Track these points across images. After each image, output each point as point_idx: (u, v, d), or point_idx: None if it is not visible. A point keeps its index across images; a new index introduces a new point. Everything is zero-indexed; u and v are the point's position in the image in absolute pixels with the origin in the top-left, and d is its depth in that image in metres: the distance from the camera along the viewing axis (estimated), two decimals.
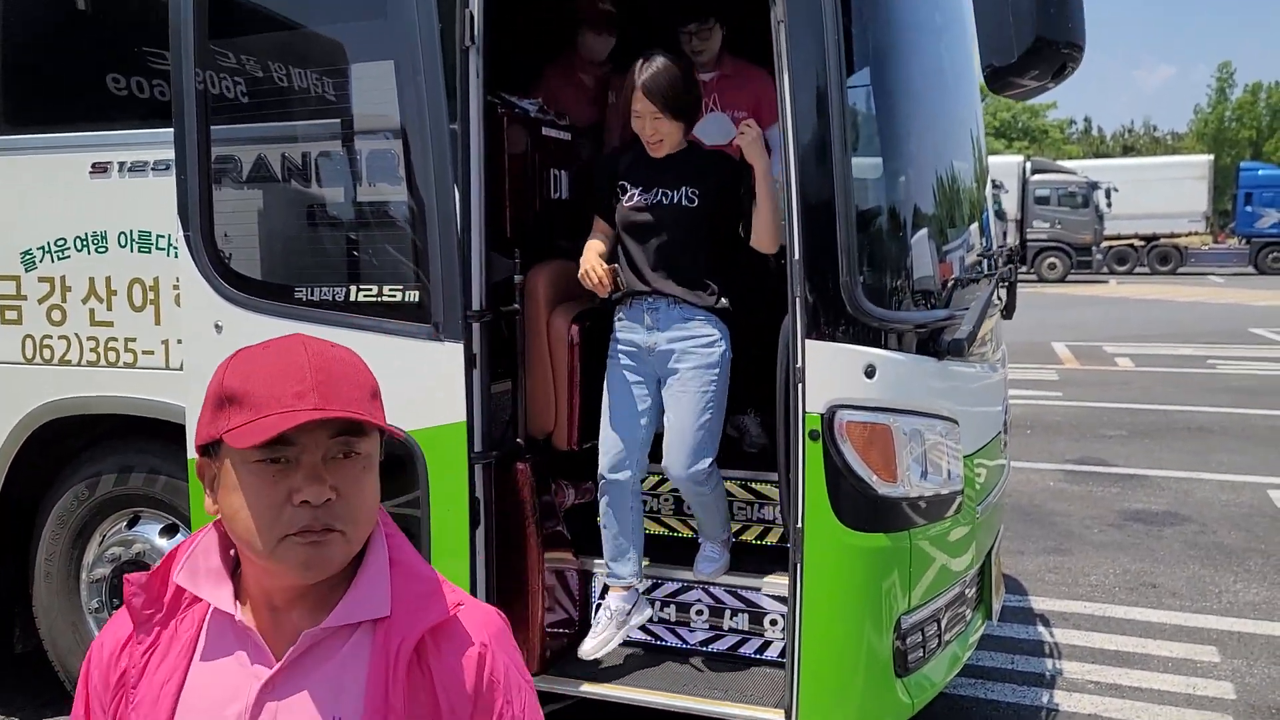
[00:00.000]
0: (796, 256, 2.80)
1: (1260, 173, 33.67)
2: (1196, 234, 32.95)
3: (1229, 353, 14.38)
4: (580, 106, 4.12)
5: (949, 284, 3.21)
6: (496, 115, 3.27)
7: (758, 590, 3.39)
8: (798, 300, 2.81)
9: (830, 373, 2.81)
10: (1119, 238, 32.03)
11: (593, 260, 3.21)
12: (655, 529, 3.76)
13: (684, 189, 3.19)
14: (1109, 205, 29.69)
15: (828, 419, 2.81)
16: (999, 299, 3.98)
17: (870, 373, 2.80)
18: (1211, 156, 35.72)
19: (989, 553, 3.59)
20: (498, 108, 3.30)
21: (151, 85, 3.44)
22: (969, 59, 3.75)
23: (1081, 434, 9.17)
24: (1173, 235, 32.21)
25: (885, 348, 2.84)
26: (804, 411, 2.82)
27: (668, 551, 3.59)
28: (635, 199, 3.22)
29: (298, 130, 3.19)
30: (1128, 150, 58.87)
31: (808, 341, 2.81)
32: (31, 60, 3.65)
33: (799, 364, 2.82)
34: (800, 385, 2.82)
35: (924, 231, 3.10)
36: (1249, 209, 32.22)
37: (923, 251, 3.08)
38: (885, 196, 3.04)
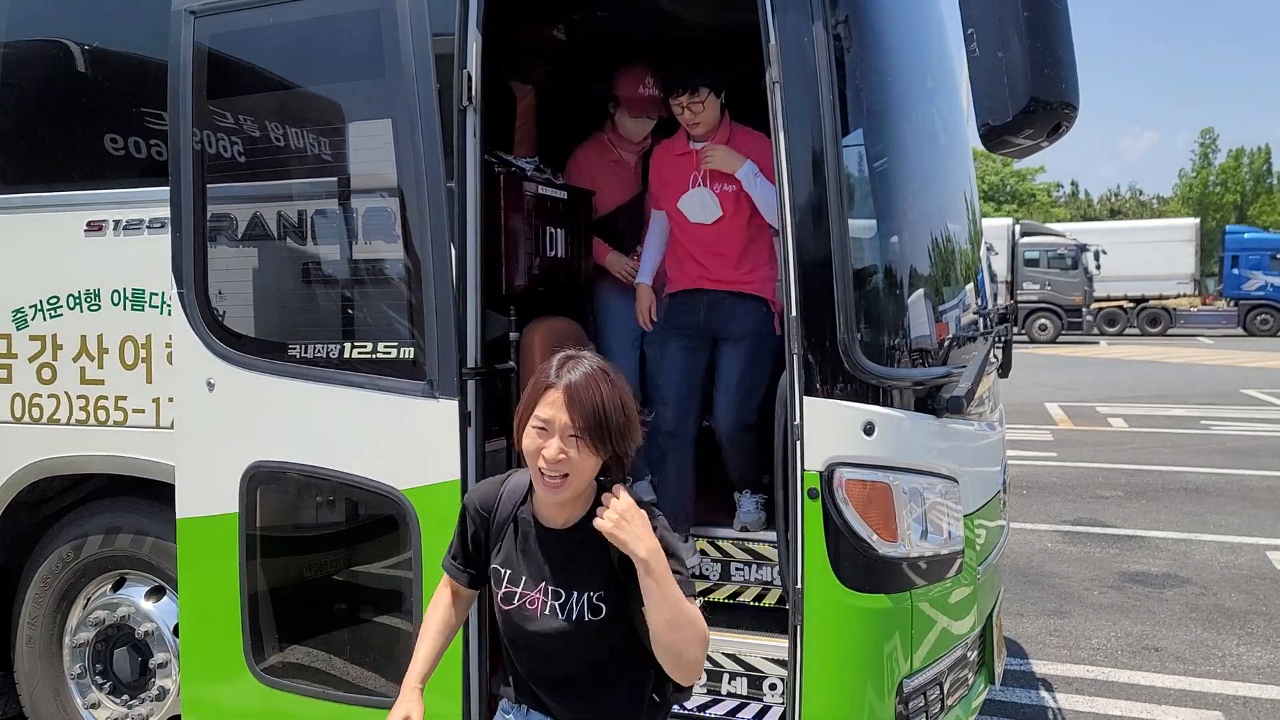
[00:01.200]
0: (794, 313, 2.79)
1: (1246, 236, 34.10)
2: (1185, 296, 33.23)
3: (1222, 414, 14.39)
4: (618, 184, 4.17)
5: (946, 342, 3.20)
6: (493, 174, 3.28)
7: (756, 653, 3.31)
8: (795, 357, 2.79)
9: (829, 430, 2.78)
10: (1109, 299, 32.29)
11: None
12: None
13: None
14: (1098, 267, 29.99)
15: (827, 477, 2.78)
16: (995, 357, 3.98)
17: (869, 430, 2.78)
18: (1198, 220, 36.20)
19: (990, 614, 3.53)
20: (494, 166, 3.32)
21: (148, 145, 3.45)
22: (961, 120, 3.80)
23: (1078, 495, 9.11)
24: (1161, 297, 32.49)
25: (884, 405, 2.82)
26: (802, 470, 2.79)
27: None
28: None
29: (293, 188, 3.20)
30: (1114, 214, 59.66)
31: (806, 399, 2.79)
32: (27, 119, 3.67)
33: (797, 421, 2.80)
34: (799, 443, 2.79)
35: (921, 289, 3.10)
36: (1236, 271, 32.56)
37: (920, 309, 3.08)
38: (882, 254, 3.04)
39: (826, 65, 2.73)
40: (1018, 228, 31.54)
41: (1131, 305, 32.63)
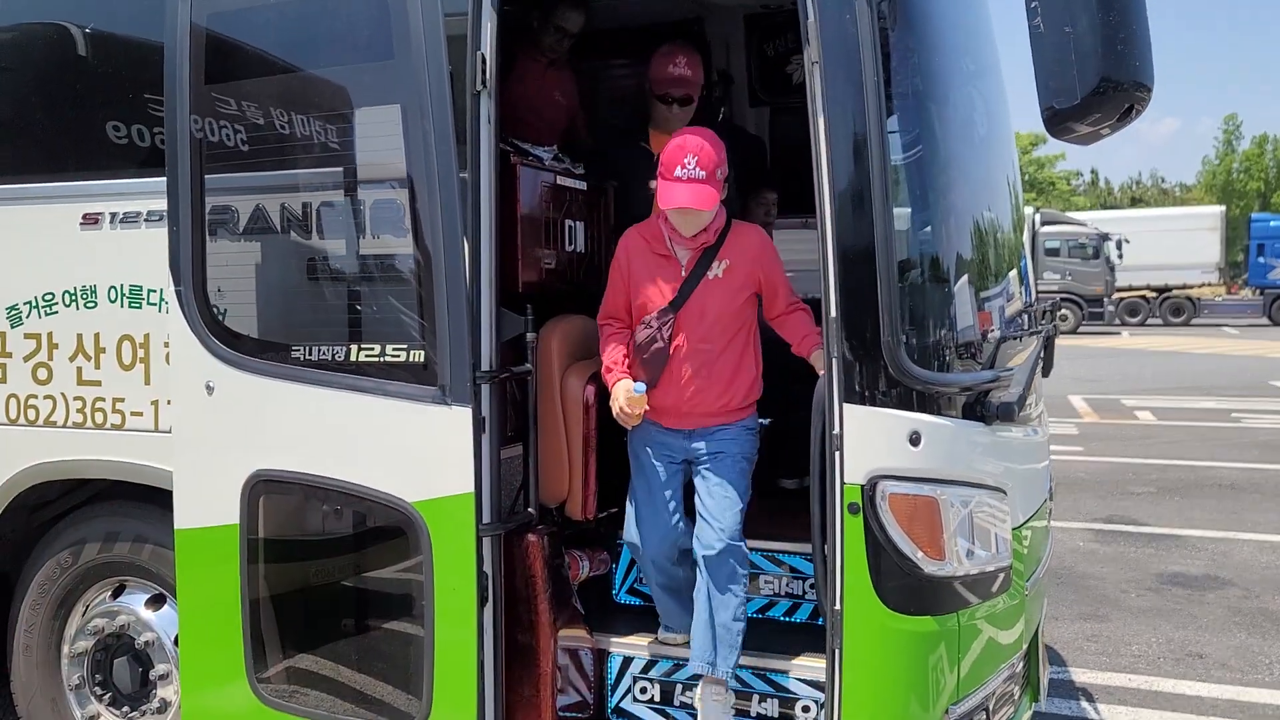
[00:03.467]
0: (833, 314, 2.58)
1: (1272, 224, 33.54)
2: (1209, 285, 32.76)
3: (1252, 406, 14.08)
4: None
5: (993, 343, 2.99)
6: (509, 163, 3.08)
7: (787, 673, 3.12)
8: (835, 361, 2.59)
9: (871, 440, 2.58)
10: (1130, 289, 31.85)
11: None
12: None
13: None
14: (1120, 257, 29.56)
15: (869, 491, 2.58)
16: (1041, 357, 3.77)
17: (915, 440, 2.57)
18: (1223, 207, 35.66)
19: (1036, 631, 3.33)
20: (510, 155, 3.12)
21: (149, 132, 3.27)
22: (1005, 104, 3.58)
23: (1108, 491, 8.87)
24: (1185, 286, 32.02)
25: (930, 412, 2.61)
26: (842, 482, 2.59)
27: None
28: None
29: (297, 179, 3.01)
30: (1136, 202, 58.98)
31: (846, 406, 2.58)
32: (19, 107, 3.49)
33: (836, 430, 2.60)
34: (838, 454, 2.59)
35: (968, 287, 2.89)
36: (1261, 260, 32.07)
37: (967, 309, 2.87)
38: (927, 249, 2.84)
39: (870, 44, 2.52)
40: (1038, 217, 31.07)
41: (1154, 295, 32.18)
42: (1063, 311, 29.80)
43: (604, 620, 3.34)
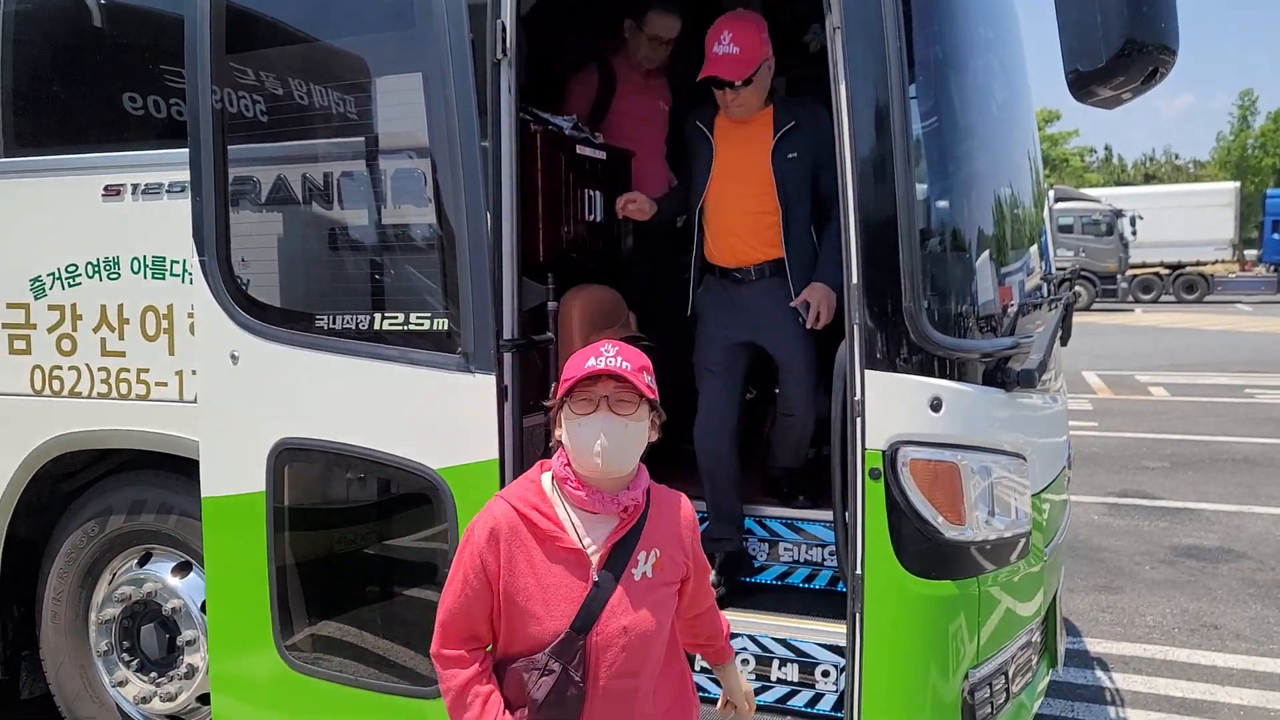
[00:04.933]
0: (855, 280, 2.59)
1: None
2: (1223, 262, 32.51)
3: (1265, 382, 14.01)
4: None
5: (1013, 309, 2.99)
6: (529, 132, 3.09)
7: (808, 638, 3.15)
8: (856, 327, 2.60)
9: (893, 406, 2.59)
10: (1144, 266, 31.63)
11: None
12: None
13: None
14: (1134, 233, 29.34)
15: (890, 456, 2.59)
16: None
17: (936, 406, 2.58)
18: (1238, 184, 35.32)
19: (1054, 598, 3.35)
20: (530, 125, 3.12)
21: (167, 104, 3.28)
22: (1025, 73, 3.56)
23: (1122, 466, 8.87)
24: (1199, 263, 31.77)
25: (952, 379, 2.62)
26: (864, 448, 2.60)
27: None
28: None
29: (319, 150, 3.02)
30: (1149, 178, 58.48)
31: (868, 372, 2.59)
32: (42, 79, 3.51)
33: (858, 396, 2.61)
34: (860, 420, 2.60)
35: (989, 254, 2.89)
36: (1276, 237, 31.77)
37: (988, 275, 2.87)
38: (948, 216, 2.83)
39: (893, 10, 2.50)
40: (1052, 193, 30.83)
41: (1168, 272, 31.94)
42: (1076, 288, 29.64)
43: None
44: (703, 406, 3.40)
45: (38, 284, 3.49)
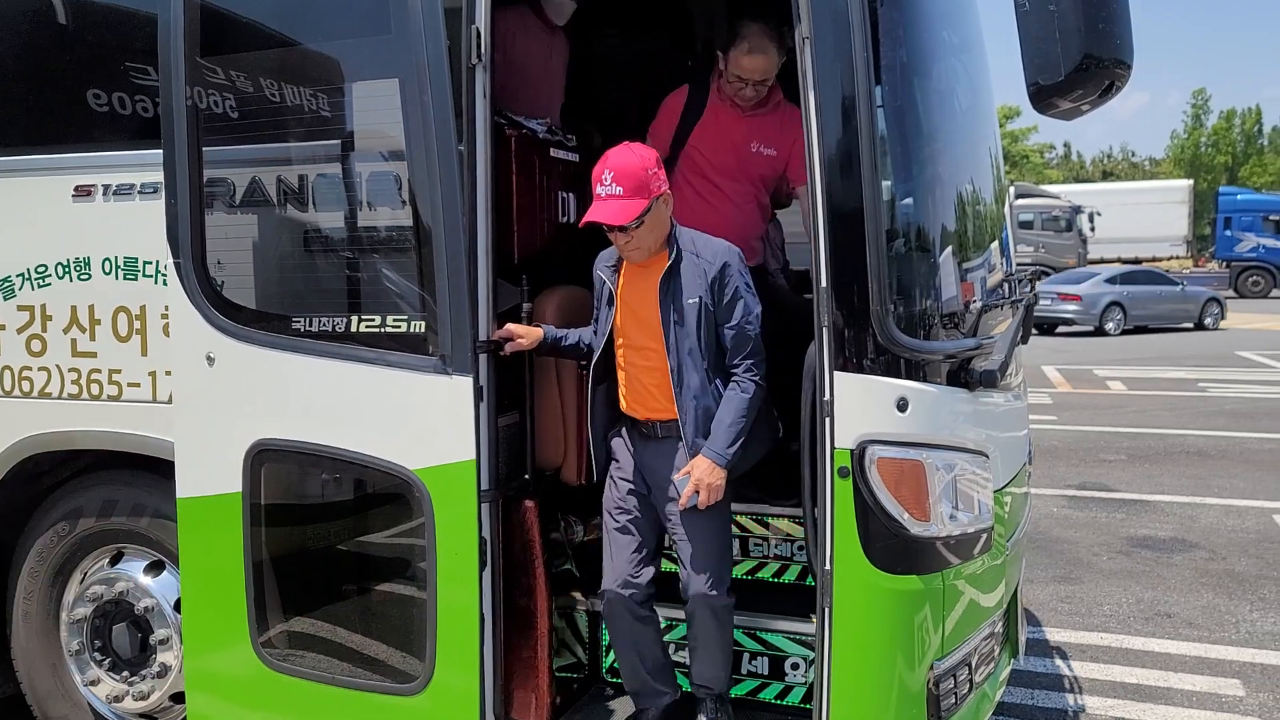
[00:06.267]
0: (824, 283, 2.66)
1: (1239, 197, 33.99)
2: (1178, 258, 33.18)
3: (1219, 376, 14.38)
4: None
5: (977, 310, 3.08)
6: (504, 136, 3.12)
7: (778, 633, 3.23)
8: (825, 330, 2.66)
9: (860, 406, 2.66)
10: (1102, 261, 32.19)
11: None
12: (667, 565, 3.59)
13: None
14: (1092, 229, 29.86)
15: (858, 455, 2.66)
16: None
17: (903, 406, 2.66)
18: (1191, 181, 36.06)
19: (1015, 591, 3.45)
20: (505, 128, 3.16)
21: (138, 103, 3.28)
22: (988, 77, 3.65)
23: (1081, 459, 9.07)
24: (1154, 259, 32.41)
25: (917, 379, 2.70)
26: (832, 447, 2.68)
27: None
28: None
29: (295, 151, 3.03)
30: (1107, 175, 59.46)
31: (837, 374, 2.66)
32: (10, 78, 3.48)
33: (827, 397, 2.68)
34: (829, 419, 2.68)
35: (954, 257, 2.97)
36: (1228, 233, 32.48)
37: (952, 278, 2.95)
38: (916, 220, 2.91)
39: (860, 20, 2.57)
40: (1012, 189, 31.28)
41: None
42: (1037, 287, 30.07)
43: (599, 583, 3.42)
44: (606, 557, 3.08)
45: (7, 285, 3.47)
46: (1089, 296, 21.44)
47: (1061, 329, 21.68)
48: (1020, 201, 30.63)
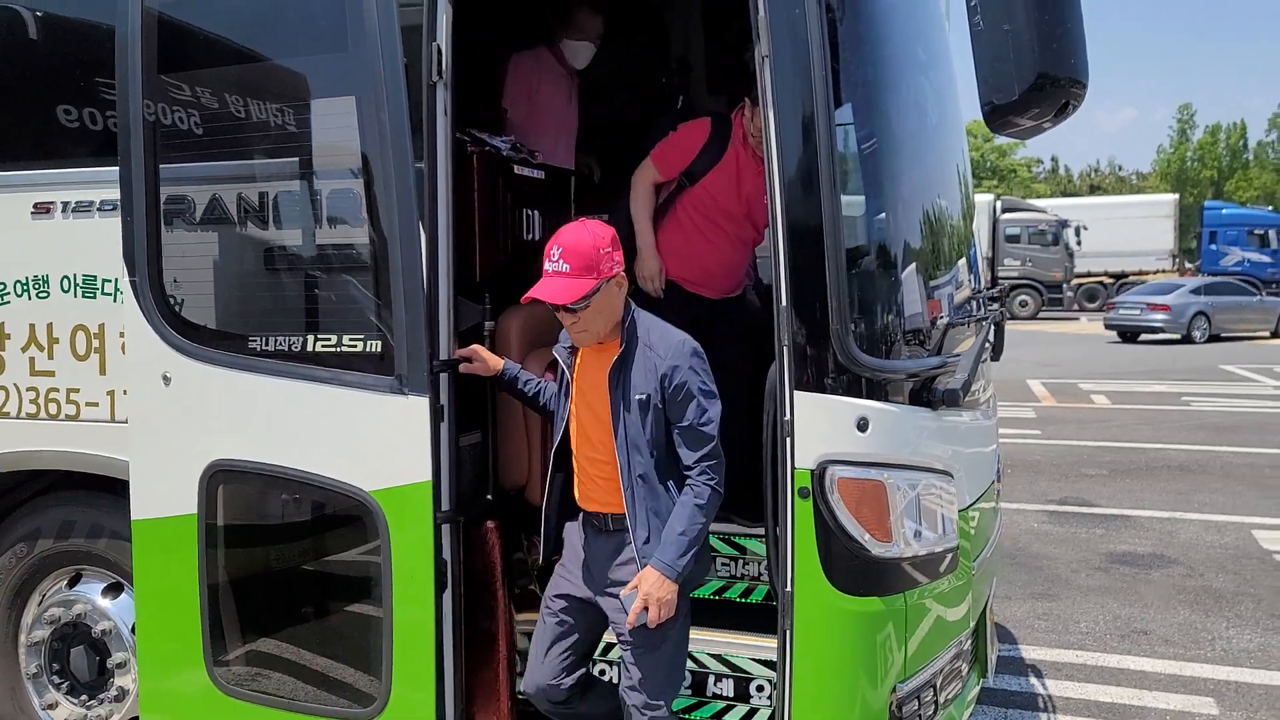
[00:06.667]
0: (784, 302, 2.64)
1: (1224, 211, 34.24)
2: (1164, 272, 33.34)
3: (1202, 389, 14.42)
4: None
5: (941, 329, 3.06)
6: (465, 153, 3.10)
7: (743, 654, 3.19)
8: (785, 349, 2.65)
9: (820, 426, 2.64)
10: (1089, 275, 32.36)
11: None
12: None
13: None
14: (1079, 243, 30.02)
15: (818, 475, 2.64)
16: (989, 342, 3.85)
17: (863, 426, 2.64)
18: (1177, 195, 36.27)
19: (984, 609, 3.43)
20: (467, 145, 3.14)
21: (100, 119, 3.24)
22: (955, 94, 3.65)
23: (1063, 473, 9.07)
24: (1141, 273, 32.57)
25: (878, 399, 2.68)
26: (793, 467, 2.65)
27: None
28: None
29: (254, 169, 3.00)
30: (1094, 189, 59.80)
31: (797, 393, 2.64)
32: None
33: (787, 416, 2.66)
34: (789, 439, 2.65)
35: (917, 275, 2.96)
36: (1213, 247, 32.69)
37: (915, 296, 2.94)
38: (877, 238, 2.90)
39: (819, 38, 2.56)
40: (999, 204, 31.51)
41: (1112, 281, 32.70)
42: (1023, 297, 30.24)
43: None
44: (534, 651, 2.92)
45: None
46: (1177, 306, 22.46)
47: (1145, 337, 22.86)
48: (1007, 216, 30.82)
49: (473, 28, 3.45)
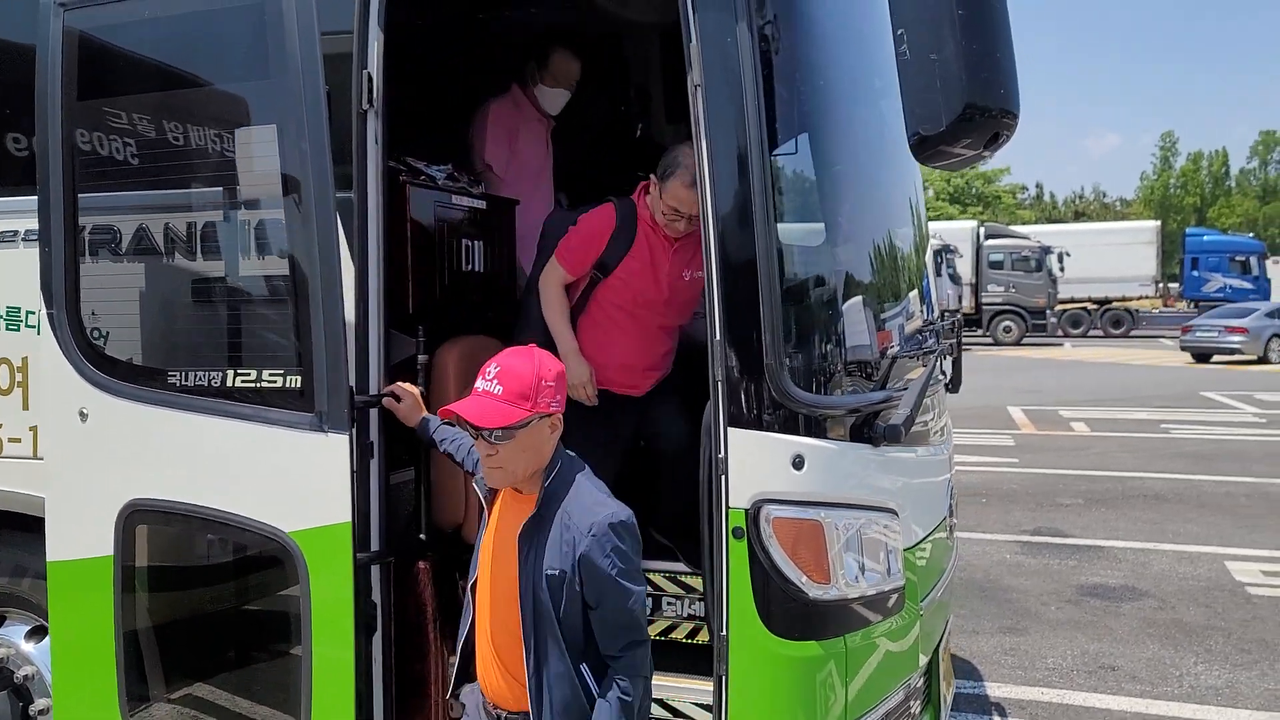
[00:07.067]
0: (717, 336, 2.56)
1: (1205, 238, 34.55)
2: (1147, 298, 33.54)
3: (1182, 416, 14.39)
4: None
5: (886, 362, 2.99)
6: (398, 182, 3.03)
7: (685, 698, 3.09)
8: (719, 384, 2.57)
9: (755, 464, 2.56)
10: (1072, 301, 32.48)
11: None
12: None
13: None
14: (1062, 269, 30.15)
15: (753, 515, 2.55)
16: (942, 373, 3.78)
17: (798, 464, 2.56)
18: (1159, 222, 36.53)
19: (937, 646, 3.33)
20: (400, 174, 3.07)
21: (26, 144, 3.16)
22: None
23: (1038, 503, 9.00)
24: (1124, 299, 32.74)
25: (815, 436, 2.60)
26: (727, 507, 2.57)
27: None
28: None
29: (176, 198, 2.92)
30: (1079, 215, 60.27)
31: (731, 430, 2.56)
32: None
33: (721, 454, 2.57)
34: (723, 477, 2.57)
35: (858, 307, 2.89)
36: (1195, 274, 32.93)
37: (856, 329, 2.87)
38: (815, 270, 2.83)
39: (752, 67, 2.51)
40: (982, 230, 31.67)
41: (1095, 307, 32.85)
42: (1006, 323, 30.33)
43: None
44: None
45: None
46: (1254, 329, 23.29)
47: (1218, 358, 23.52)
48: (990, 242, 30.97)
49: (426, 59, 3.40)
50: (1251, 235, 40.48)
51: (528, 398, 2.21)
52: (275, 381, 2.71)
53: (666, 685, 3.10)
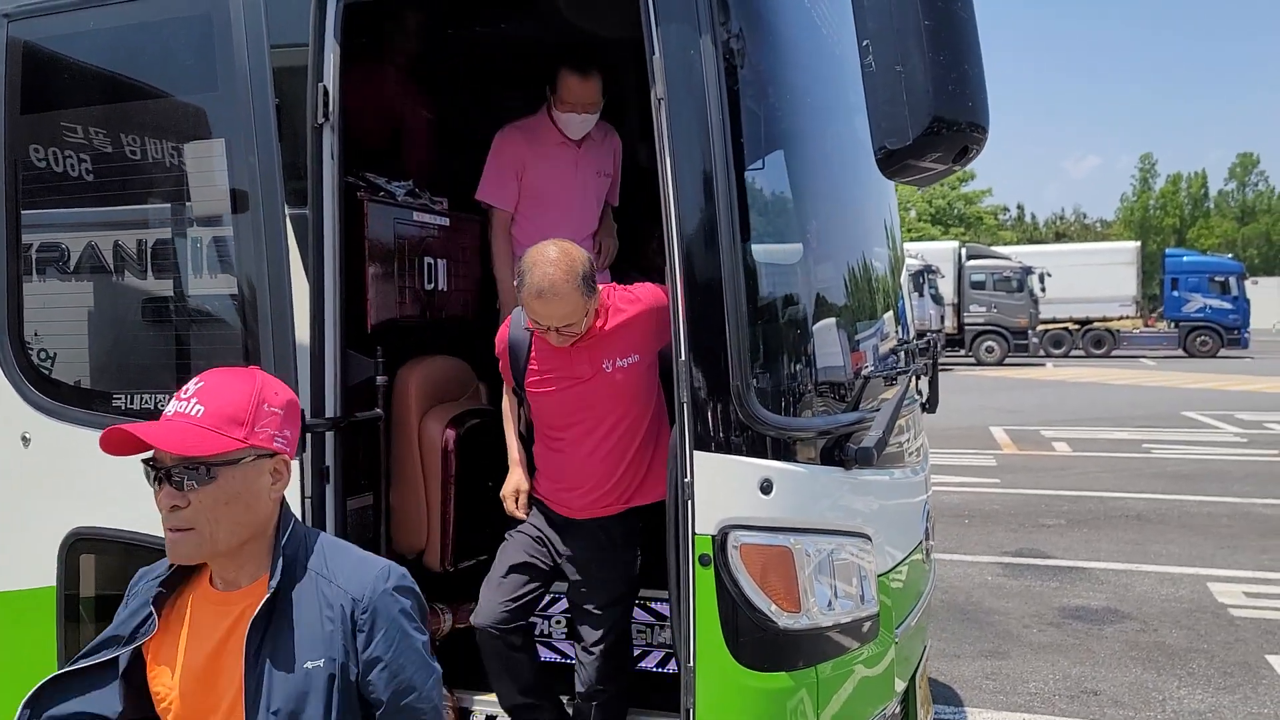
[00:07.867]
0: (683, 357, 2.49)
1: (1185, 259, 34.77)
2: (1127, 318, 33.73)
3: (1163, 436, 14.39)
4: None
5: (858, 383, 2.91)
6: (356, 198, 2.95)
7: None
8: (685, 406, 2.49)
9: (721, 489, 2.48)
10: (1054, 321, 32.63)
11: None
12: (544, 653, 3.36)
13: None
14: (1043, 290, 30.31)
15: (720, 541, 2.47)
16: (918, 393, 3.71)
17: (766, 488, 2.47)
18: (1139, 243, 36.80)
19: (914, 673, 3.24)
20: (358, 190, 2.98)
21: None
22: None
23: (1020, 524, 8.93)
24: (1105, 319, 32.91)
25: (784, 459, 2.52)
26: (693, 533, 2.48)
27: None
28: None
29: (123, 215, 2.83)
30: (1060, 236, 60.74)
31: (696, 454, 2.48)
32: None
33: (687, 478, 2.49)
34: (689, 503, 2.48)
35: (828, 326, 2.81)
36: (1175, 294, 33.13)
37: (827, 348, 2.79)
38: (782, 288, 2.75)
39: (716, 81, 2.44)
40: (964, 251, 31.82)
41: (1076, 327, 33.00)
42: (989, 344, 30.43)
43: (468, 677, 3.17)
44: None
45: None
46: None
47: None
48: (972, 262, 31.11)
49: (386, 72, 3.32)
50: (1231, 256, 40.79)
51: (240, 423, 1.62)
52: None
53: (634, 713, 3.01)
